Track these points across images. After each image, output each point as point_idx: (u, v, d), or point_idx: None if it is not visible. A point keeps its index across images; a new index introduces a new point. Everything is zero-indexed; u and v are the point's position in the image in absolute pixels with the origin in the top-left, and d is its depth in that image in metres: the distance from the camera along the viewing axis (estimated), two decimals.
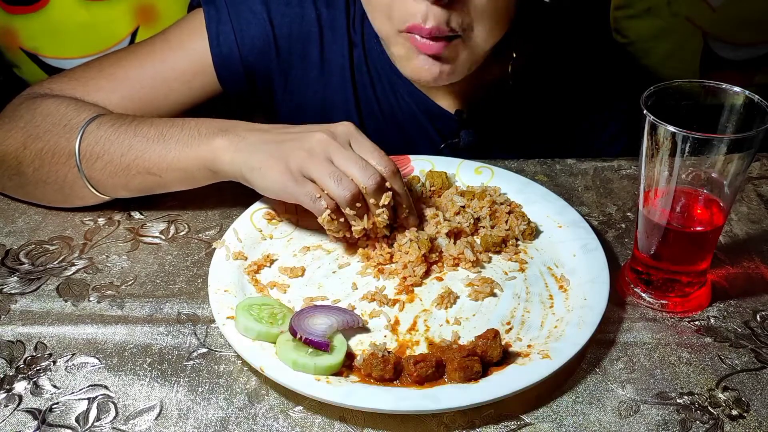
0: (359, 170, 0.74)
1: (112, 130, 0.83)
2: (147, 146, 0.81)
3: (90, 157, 0.83)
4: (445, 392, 0.63)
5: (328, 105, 1.01)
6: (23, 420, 0.64)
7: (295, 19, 0.96)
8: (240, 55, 0.95)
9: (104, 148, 0.82)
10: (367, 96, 1.01)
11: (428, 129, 1.02)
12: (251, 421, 0.64)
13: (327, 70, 0.99)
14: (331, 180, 0.73)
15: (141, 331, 0.73)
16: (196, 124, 0.82)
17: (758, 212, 0.89)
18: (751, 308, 0.75)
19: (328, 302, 0.75)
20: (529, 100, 1.03)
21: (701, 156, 0.66)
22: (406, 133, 1.03)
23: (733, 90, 0.69)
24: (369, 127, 1.02)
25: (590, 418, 0.64)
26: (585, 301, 0.72)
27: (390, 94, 1.00)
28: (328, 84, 1.00)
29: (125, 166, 0.82)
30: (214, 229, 0.87)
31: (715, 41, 1.35)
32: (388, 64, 0.98)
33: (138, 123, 0.84)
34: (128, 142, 0.82)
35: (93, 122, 0.84)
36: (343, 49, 0.98)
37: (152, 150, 0.81)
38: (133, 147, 0.82)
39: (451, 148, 1.02)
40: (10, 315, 0.75)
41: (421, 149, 1.03)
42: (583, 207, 0.90)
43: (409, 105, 1.01)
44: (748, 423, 0.63)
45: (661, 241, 0.72)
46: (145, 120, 0.84)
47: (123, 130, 0.83)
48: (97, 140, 0.82)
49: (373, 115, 1.02)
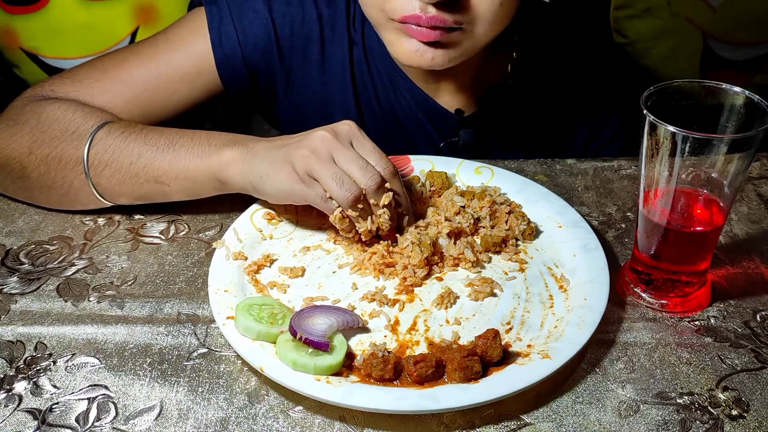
0: (360, 170, 0.75)
1: (122, 139, 0.83)
2: (156, 155, 0.82)
3: (98, 165, 0.83)
4: (445, 392, 0.63)
5: (329, 104, 1.01)
6: (23, 420, 0.64)
7: (296, 19, 0.96)
8: (242, 54, 0.95)
9: (113, 156, 0.83)
10: (367, 94, 1.01)
11: (428, 127, 1.02)
12: (251, 421, 0.64)
13: (327, 69, 0.99)
14: (334, 182, 0.74)
15: (141, 331, 0.73)
16: (206, 136, 0.83)
17: (758, 212, 0.89)
18: (751, 308, 0.75)
19: (328, 302, 0.75)
20: (529, 100, 1.03)
21: (701, 156, 0.66)
22: (406, 131, 1.03)
23: (733, 90, 0.69)
24: (369, 125, 1.02)
25: (590, 418, 0.64)
26: (585, 301, 0.72)
27: (390, 92, 1.00)
28: (329, 83, 1.00)
29: (134, 174, 0.82)
30: (214, 229, 0.87)
31: (715, 41, 1.35)
32: (389, 62, 0.98)
33: (147, 132, 0.84)
34: (138, 150, 0.82)
35: (102, 129, 0.84)
36: (343, 48, 0.98)
37: (162, 159, 0.82)
38: (142, 155, 0.82)
39: (450, 147, 1.02)
40: (10, 315, 0.75)
41: (421, 148, 1.03)
42: (583, 207, 0.90)
43: (409, 103, 1.01)
44: (748, 423, 0.63)
45: (661, 241, 0.72)
46: (155, 129, 0.85)
47: (132, 139, 0.83)
48: (105, 148, 0.83)
49: (373, 114, 1.02)
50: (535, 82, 1.02)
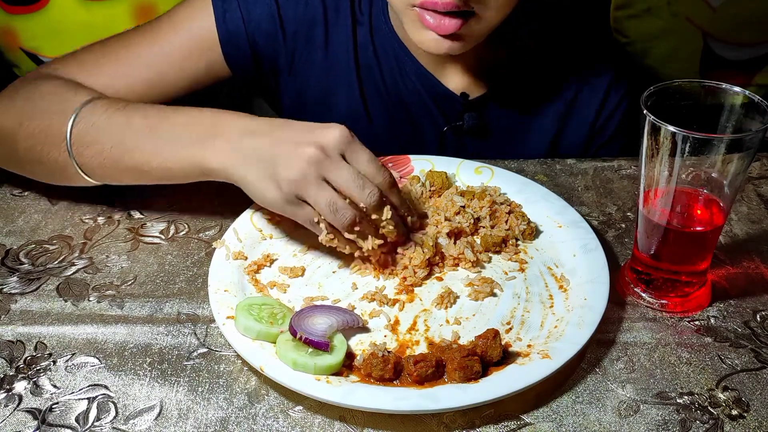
0: (357, 189, 0.72)
1: (105, 117, 0.81)
2: (137, 142, 0.79)
3: (81, 144, 0.81)
4: (445, 392, 0.63)
5: (332, 87, 1.01)
6: (23, 420, 0.64)
7: (300, 1, 0.96)
8: (246, 33, 0.95)
9: (95, 137, 0.81)
10: (371, 76, 1.00)
11: (433, 110, 1.02)
12: (251, 421, 0.64)
13: (331, 52, 0.99)
14: (327, 208, 0.71)
15: (141, 331, 0.73)
16: (186, 120, 0.79)
17: (758, 212, 0.89)
18: (751, 308, 0.75)
19: (328, 302, 0.75)
20: (534, 86, 1.02)
21: (701, 156, 0.66)
22: (411, 114, 1.03)
23: (733, 90, 0.69)
24: (373, 108, 1.02)
25: (590, 418, 0.64)
26: (585, 301, 0.72)
27: (396, 73, 1.00)
28: (333, 66, 1.00)
29: (115, 159, 0.81)
30: (214, 229, 0.87)
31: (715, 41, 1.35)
32: (396, 42, 0.98)
33: (130, 112, 0.82)
34: (119, 134, 0.80)
35: (87, 106, 0.82)
36: (347, 29, 0.98)
37: (143, 146, 0.79)
38: (123, 141, 0.80)
39: (454, 131, 1.02)
40: (10, 315, 0.75)
41: (425, 131, 1.03)
42: (583, 207, 0.90)
43: (414, 85, 1.00)
44: (748, 423, 0.63)
45: (661, 241, 0.72)
46: (138, 109, 0.82)
47: (115, 120, 0.81)
48: (88, 128, 0.81)
49: (377, 96, 1.01)
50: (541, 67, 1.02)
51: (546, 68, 1.03)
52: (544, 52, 1.03)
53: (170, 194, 0.91)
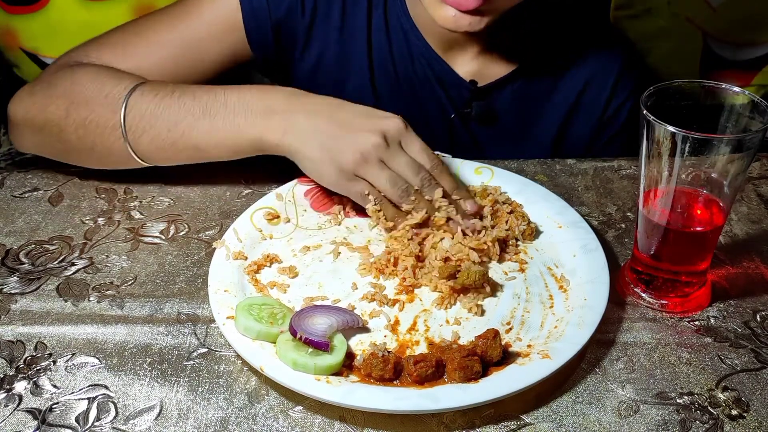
0: (411, 172, 0.80)
1: (155, 102, 0.84)
2: (193, 123, 0.83)
3: (136, 131, 0.84)
4: (444, 392, 0.63)
5: (344, 67, 1.02)
6: (23, 420, 0.64)
7: None
8: (268, 8, 0.96)
9: (149, 122, 0.84)
10: (382, 57, 1.01)
11: (441, 96, 1.02)
12: (251, 421, 0.64)
13: (346, 31, 1.00)
14: (387, 183, 0.79)
15: (141, 331, 0.73)
16: (239, 98, 0.83)
17: (758, 212, 0.89)
18: (751, 308, 0.75)
19: (328, 302, 0.75)
20: (542, 74, 1.02)
21: (701, 156, 0.66)
22: (419, 99, 1.03)
23: (733, 90, 0.69)
24: (381, 91, 1.03)
25: (590, 418, 0.64)
26: (585, 301, 0.72)
27: (407, 56, 1.01)
28: (346, 45, 1.01)
29: (172, 141, 0.84)
30: (214, 229, 0.87)
31: (715, 41, 1.35)
32: (409, 25, 0.99)
33: (180, 94, 0.85)
34: (174, 117, 0.84)
35: (134, 93, 0.85)
36: (362, 9, 0.99)
37: (199, 127, 0.83)
38: (179, 123, 0.83)
39: (462, 118, 1.03)
40: (10, 315, 0.75)
41: (432, 117, 1.03)
42: (583, 207, 0.90)
43: (424, 69, 1.01)
44: (748, 423, 0.63)
45: (661, 241, 0.72)
46: (187, 91, 0.85)
47: (166, 103, 0.84)
48: (142, 114, 0.84)
49: (386, 79, 1.02)
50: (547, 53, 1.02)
51: (554, 57, 1.03)
52: (551, 39, 1.02)
53: (170, 194, 0.92)
